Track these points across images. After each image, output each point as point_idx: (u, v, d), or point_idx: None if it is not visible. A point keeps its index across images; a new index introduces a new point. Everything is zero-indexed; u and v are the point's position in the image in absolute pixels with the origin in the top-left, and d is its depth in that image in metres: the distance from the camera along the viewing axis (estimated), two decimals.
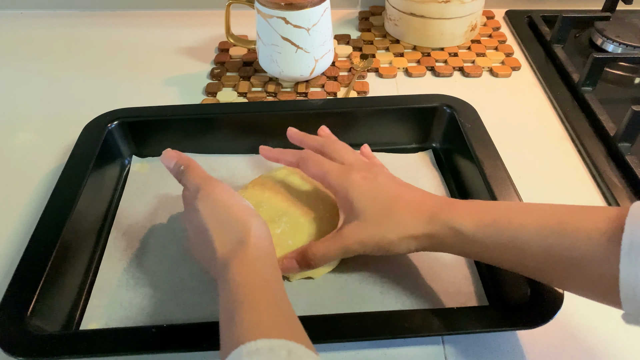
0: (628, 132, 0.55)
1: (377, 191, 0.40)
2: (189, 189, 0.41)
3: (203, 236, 0.37)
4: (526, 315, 0.37)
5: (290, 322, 0.32)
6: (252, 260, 0.34)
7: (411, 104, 0.57)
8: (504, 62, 0.73)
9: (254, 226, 0.36)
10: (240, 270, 0.34)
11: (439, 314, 0.38)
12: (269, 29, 0.62)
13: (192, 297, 0.43)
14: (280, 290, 0.34)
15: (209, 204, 0.38)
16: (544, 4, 0.85)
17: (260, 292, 0.33)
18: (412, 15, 0.73)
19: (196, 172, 0.41)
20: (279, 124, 0.56)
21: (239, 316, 0.31)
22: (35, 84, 0.70)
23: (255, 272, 0.34)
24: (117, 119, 0.54)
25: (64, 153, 0.58)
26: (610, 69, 0.70)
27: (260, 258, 0.35)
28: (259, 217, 0.38)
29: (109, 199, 0.51)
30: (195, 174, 0.40)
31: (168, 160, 0.42)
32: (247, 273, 0.34)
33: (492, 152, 0.50)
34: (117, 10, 0.86)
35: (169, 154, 0.43)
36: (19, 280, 0.39)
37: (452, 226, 0.37)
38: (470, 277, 0.44)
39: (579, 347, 0.40)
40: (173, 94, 0.68)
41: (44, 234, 0.43)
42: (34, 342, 0.36)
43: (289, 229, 0.44)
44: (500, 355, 0.40)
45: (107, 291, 0.43)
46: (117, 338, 0.37)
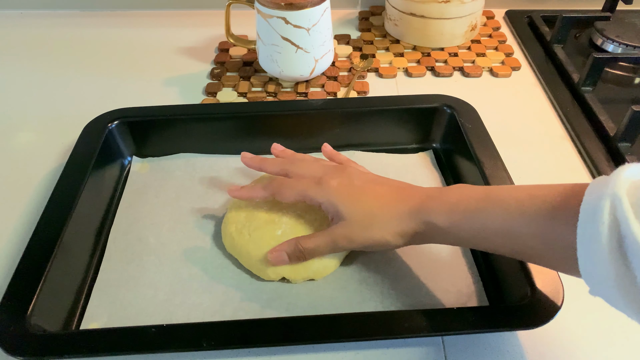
0: (628, 132, 0.55)
1: (357, 195, 0.41)
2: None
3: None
4: (526, 315, 0.37)
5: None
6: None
7: (411, 104, 0.57)
8: (504, 62, 0.73)
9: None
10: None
11: (439, 314, 0.38)
12: (269, 29, 0.62)
13: (192, 297, 0.43)
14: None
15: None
16: (544, 4, 0.85)
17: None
18: (412, 15, 0.73)
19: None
20: (279, 124, 0.57)
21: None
22: (36, 84, 0.70)
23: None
24: (118, 119, 0.54)
25: (64, 153, 0.58)
26: (610, 69, 0.70)
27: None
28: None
29: (109, 199, 0.51)
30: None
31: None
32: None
33: (493, 153, 0.50)
34: (117, 10, 0.86)
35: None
36: (19, 279, 0.39)
37: (428, 221, 0.38)
38: (471, 277, 0.44)
39: (578, 348, 0.40)
40: (173, 94, 0.68)
41: (44, 234, 0.43)
42: (34, 342, 0.36)
43: (290, 230, 0.44)
44: (500, 355, 0.40)
45: (107, 291, 0.43)
46: (117, 338, 0.36)
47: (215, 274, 0.45)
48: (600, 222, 0.27)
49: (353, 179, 0.42)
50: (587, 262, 0.29)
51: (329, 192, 0.41)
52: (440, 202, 0.38)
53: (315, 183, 0.42)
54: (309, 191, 0.42)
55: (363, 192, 0.41)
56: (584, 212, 0.29)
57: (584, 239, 0.29)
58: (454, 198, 0.38)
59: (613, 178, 0.28)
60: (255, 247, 0.44)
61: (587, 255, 0.29)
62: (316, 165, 0.45)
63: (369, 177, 0.44)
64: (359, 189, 0.42)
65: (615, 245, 0.27)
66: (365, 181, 0.43)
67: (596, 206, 0.28)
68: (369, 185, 0.42)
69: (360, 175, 0.44)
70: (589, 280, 0.30)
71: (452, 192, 0.39)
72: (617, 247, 0.27)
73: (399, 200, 0.40)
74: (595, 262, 0.28)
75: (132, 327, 0.39)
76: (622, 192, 0.27)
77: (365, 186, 0.42)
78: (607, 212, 0.27)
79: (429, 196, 0.39)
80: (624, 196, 0.27)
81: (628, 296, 0.28)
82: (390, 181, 0.43)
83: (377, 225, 0.40)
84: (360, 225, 0.40)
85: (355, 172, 0.44)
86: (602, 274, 0.28)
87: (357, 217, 0.40)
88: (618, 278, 0.27)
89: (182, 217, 0.50)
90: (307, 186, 0.43)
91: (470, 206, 0.36)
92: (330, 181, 0.42)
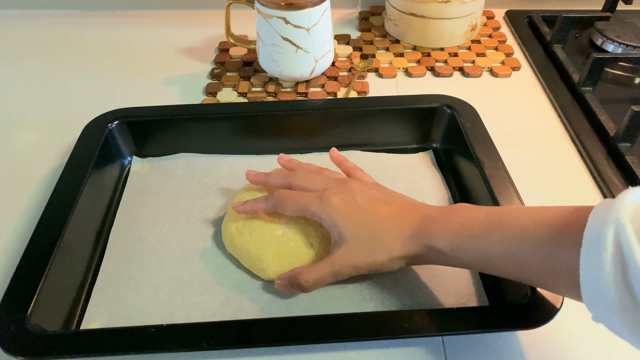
0: (628, 132, 0.55)
1: (360, 215, 0.40)
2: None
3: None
4: (526, 315, 0.37)
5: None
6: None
7: (411, 104, 0.57)
8: (504, 62, 0.73)
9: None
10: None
11: (439, 314, 0.38)
12: (269, 29, 0.62)
13: (193, 297, 0.43)
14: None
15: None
16: (544, 4, 0.85)
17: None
18: (412, 15, 0.73)
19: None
20: (279, 124, 0.57)
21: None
22: (36, 84, 0.70)
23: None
24: (118, 119, 0.54)
25: (64, 153, 0.58)
26: (610, 69, 0.70)
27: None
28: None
29: (109, 199, 0.51)
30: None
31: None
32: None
33: (493, 153, 0.50)
34: (117, 10, 0.86)
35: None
36: (19, 279, 0.39)
37: (430, 245, 0.37)
38: (471, 277, 0.44)
39: (578, 348, 0.40)
40: (173, 94, 0.68)
41: (44, 234, 0.43)
42: (34, 342, 0.36)
43: (290, 230, 0.44)
44: (500, 355, 0.40)
45: (108, 291, 0.43)
46: (117, 338, 0.36)
47: (215, 274, 0.45)
48: (604, 250, 0.27)
49: (356, 196, 0.41)
50: (590, 290, 0.28)
51: (330, 209, 0.41)
52: (442, 226, 0.38)
53: (317, 198, 0.42)
54: (310, 206, 0.42)
55: (365, 211, 0.40)
56: (587, 239, 0.28)
57: (587, 266, 0.28)
58: (456, 221, 0.37)
59: (616, 203, 0.28)
60: (256, 247, 0.43)
61: (590, 283, 0.28)
62: (320, 179, 0.44)
63: (372, 195, 0.42)
64: (362, 208, 0.41)
65: (619, 274, 0.26)
66: (368, 199, 0.42)
67: (599, 233, 0.27)
68: (371, 204, 0.41)
69: (364, 192, 0.42)
70: (592, 308, 0.29)
71: (454, 214, 0.38)
72: (621, 276, 0.26)
73: (401, 220, 0.40)
74: (599, 290, 0.28)
75: (132, 327, 0.39)
76: (625, 219, 0.27)
77: (367, 205, 0.41)
78: (611, 239, 0.27)
79: (431, 218, 0.39)
80: (628, 223, 0.26)
81: (633, 325, 0.27)
82: (394, 198, 0.42)
83: (379, 247, 0.39)
84: (363, 248, 0.39)
85: (358, 187, 0.43)
86: (606, 302, 0.27)
87: (360, 239, 0.40)
88: (622, 307, 0.27)
89: (182, 217, 0.50)
90: (308, 201, 0.42)
91: (473, 230, 0.36)
92: (332, 197, 0.41)
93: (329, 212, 0.41)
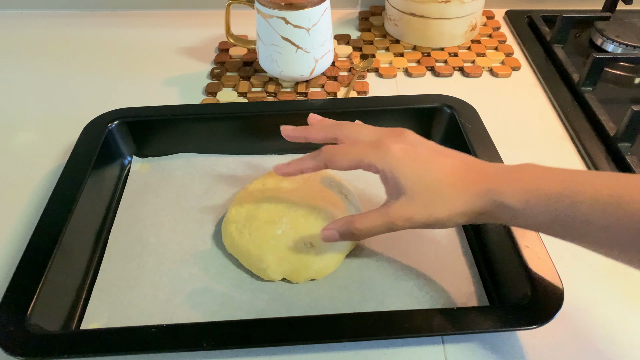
0: (628, 132, 0.55)
1: (421, 167, 0.38)
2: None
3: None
4: (526, 315, 0.37)
5: None
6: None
7: (411, 104, 0.57)
8: (504, 62, 0.73)
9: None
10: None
11: (439, 314, 0.38)
12: (269, 29, 0.62)
13: (193, 297, 0.43)
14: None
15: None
16: (544, 4, 0.85)
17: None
18: (412, 15, 0.73)
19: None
20: (279, 124, 0.56)
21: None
22: (36, 84, 0.70)
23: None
24: (118, 119, 0.54)
25: (64, 153, 0.58)
26: (610, 69, 0.70)
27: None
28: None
29: (109, 199, 0.51)
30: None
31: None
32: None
33: (493, 153, 0.50)
34: (117, 10, 0.86)
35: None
36: (19, 279, 0.39)
37: (500, 202, 0.35)
38: (471, 277, 0.44)
39: (578, 348, 0.40)
40: (173, 94, 0.68)
41: (44, 234, 0.43)
42: (34, 342, 0.36)
43: (290, 229, 0.44)
44: (500, 355, 0.40)
45: (108, 291, 0.43)
46: (118, 338, 0.36)
47: (215, 274, 0.45)
48: None
49: (416, 146, 0.39)
50: None
51: (390, 158, 0.38)
52: (515, 181, 0.35)
53: (373, 147, 0.38)
54: (367, 156, 0.38)
55: (428, 163, 0.38)
56: None
57: None
58: (530, 178, 0.35)
59: None
60: (256, 246, 0.43)
61: None
62: (370, 128, 0.41)
63: (432, 146, 0.40)
64: (424, 159, 0.38)
65: None
66: (429, 150, 0.39)
67: None
68: (433, 156, 0.38)
69: (424, 142, 0.40)
70: None
71: (525, 170, 0.36)
72: None
73: (466, 175, 0.37)
74: None
75: (133, 327, 0.39)
76: None
77: (429, 156, 0.38)
78: None
79: (499, 173, 0.37)
80: None
81: None
82: (455, 152, 0.40)
83: (441, 202, 0.37)
84: (423, 202, 0.37)
85: (417, 138, 0.40)
86: None
87: (420, 192, 0.37)
88: None
89: (182, 217, 0.50)
90: (363, 150, 0.39)
91: (553, 188, 0.33)
92: (391, 146, 0.38)
93: (389, 162, 0.38)
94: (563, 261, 0.42)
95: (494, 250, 0.45)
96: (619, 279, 0.45)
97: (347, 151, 0.40)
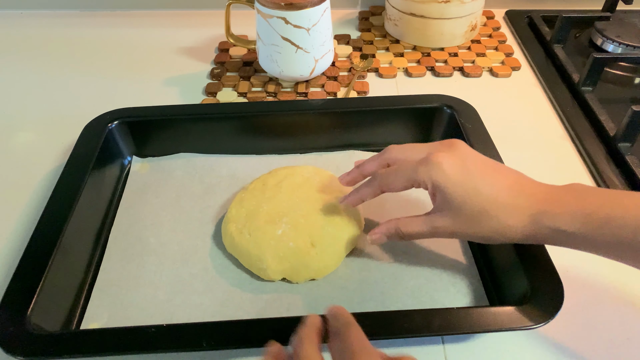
0: (628, 132, 0.55)
1: (471, 184, 0.37)
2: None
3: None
4: (526, 315, 0.37)
5: None
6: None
7: (411, 104, 0.57)
8: (504, 62, 0.73)
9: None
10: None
11: (439, 314, 0.38)
12: (269, 29, 0.62)
13: (193, 297, 0.43)
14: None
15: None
16: (544, 4, 0.85)
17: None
18: (412, 15, 0.73)
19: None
20: (279, 124, 0.57)
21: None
22: (35, 84, 0.70)
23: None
24: (118, 119, 0.54)
25: (63, 153, 0.58)
26: (610, 69, 0.70)
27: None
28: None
29: (109, 199, 0.51)
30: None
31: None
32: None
33: (493, 152, 0.50)
34: (117, 10, 0.86)
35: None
36: (19, 279, 0.39)
37: (556, 228, 0.35)
38: (471, 276, 0.44)
39: (579, 347, 0.40)
40: (173, 94, 0.68)
41: (44, 234, 0.43)
42: (34, 342, 0.36)
43: (290, 230, 0.44)
44: (500, 355, 0.40)
45: (108, 291, 0.43)
46: (118, 338, 0.36)
47: (215, 274, 0.45)
48: None
49: (466, 160, 0.38)
50: None
51: (437, 172, 0.37)
52: (569, 206, 0.35)
53: (422, 164, 0.38)
54: (417, 174, 0.38)
55: (478, 180, 0.37)
56: None
57: None
58: (584, 202, 0.35)
59: None
60: (256, 246, 0.43)
61: None
62: (419, 145, 0.41)
63: (483, 160, 0.39)
64: (474, 175, 0.37)
65: None
66: (480, 165, 0.38)
67: None
68: (484, 172, 0.37)
69: (475, 157, 0.39)
70: None
71: (579, 194, 0.36)
72: None
73: (518, 196, 0.37)
74: None
75: (133, 327, 0.39)
76: None
77: (480, 172, 0.37)
78: None
79: (553, 196, 0.36)
80: None
81: None
82: (507, 170, 0.39)
83: (488, 222, 0.37)
84: (469, 220, 0.37)
85: (468, 151, 0.39)
86: None
87: (467, 211, 0.37)
88: None
89: (182, 217, 0.50)
90: (413, 168, 0.38)
91: (601, 212, 0.34)
92: (440, 160, 0.37)
93: (435, 176, 0.37)
94: (563, 260, 0.42)
95: (494, 250, 0.45)
96: (619, 278, 0.45)
97: (398, 172, 0.40)
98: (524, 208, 0.36)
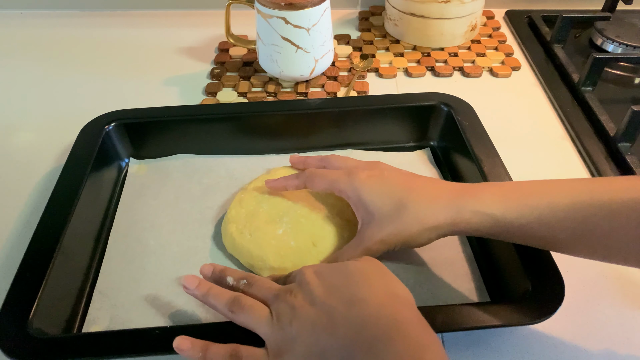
0: (628, 132, 0.55)
1: (387, 186, 0.40)
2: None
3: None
4: (527, 311, 0.37)
5: None
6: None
7: (409, 103, 0.57)
8: (504, 62, 0.73)
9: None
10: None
11: (440, 311, 0.38)
12: (269, 29, 0.62)
13: (194, 298, 0.43)
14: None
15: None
16: (544, 4, 0.85)
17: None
18: (412, 15, 0.73)
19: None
20: (278, 124, 0.57)
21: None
22: (34, 84, 0.70)
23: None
24: (115, 121, 0.54)
25: (61, 154, 0.58)
26: (610, 69, 0.70)
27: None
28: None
29: (108, 201, 0.51)
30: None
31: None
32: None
33: (490, 149, 0.50)
34: (117, 10, 0.86)
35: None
36: (20, 284, 0.39)
37: (479, 211, 0.37)
38: (471, 273, 0.44)
39: (579, 343, 0.40)
40: (173, 94, 0.67)
41: (43, 237, 0.43)
42: (35, 346, 0.36)
43: (290, 229, 0.44)
44: (500, 352, 0.40)
45: (109, 294, 0.43)
46: (120, 340, 0.36)
47: None
48: None
49: (384, 172, 0.41)
50: None
51: (358, 184, 0.40)
52: (487, 189, 0.37)
53: (345, 175, 0.42)
54: (338, 182, 0.42)
55: (393, 184, 0.40)
56: None
57: None
58: (503, 185, 0.38)
59: None
60: (257, 246, 0.44)
61: None
62: (353, 160, 0.46)
63: (401, 171, 0.42)
64: (389, 181, 0.40)
65: None
66: (397, 173, 0.41)
67: None
68: (400, 177, 0.41)
69: (394, 169, 0.42)
70: None
71: (502, 183, 0.39)
72: None
73: (433, 189, 0.39)
74: None
75: (135, 329, 0.39)
76: None
77: (395, 177, 0.40)
78: None
79: (469, 186, 0.39)
80: None
81: None
82: (426, 177, 0.42)
83: (409, 218, 0.38)
84: (391, 221, 0.38)
85: (388, 167, 0.43)
86: None
87: (386, 211, 0.39)
88: None
89: (182, 218, 0.50)
90: (337, 177, 0.42)
91: (530, 190, 0.36)
92: (360, 173, 0.41)
93: (356, 188, 0.40)
94: (563, 256, 0.41)
95: (494, 246, 0.45)
96: (620, 274, 0.45)
97: (325, 176, 0.43)
98: (443, 197, 0.38)
